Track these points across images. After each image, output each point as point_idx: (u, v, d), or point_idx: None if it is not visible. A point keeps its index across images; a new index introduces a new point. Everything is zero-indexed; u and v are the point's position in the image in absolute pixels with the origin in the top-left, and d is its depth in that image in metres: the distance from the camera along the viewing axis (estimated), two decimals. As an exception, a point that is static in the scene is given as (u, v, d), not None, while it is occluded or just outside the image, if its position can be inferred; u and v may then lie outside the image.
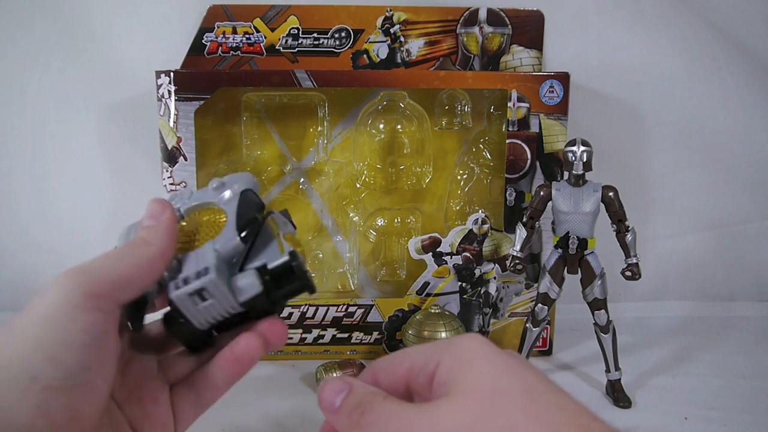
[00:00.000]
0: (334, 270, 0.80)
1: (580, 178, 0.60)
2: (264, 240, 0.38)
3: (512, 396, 0.28)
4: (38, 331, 0.30)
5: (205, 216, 0.40)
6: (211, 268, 0.35)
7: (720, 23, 0.84)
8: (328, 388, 0.32)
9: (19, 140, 0.84)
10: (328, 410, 0.32)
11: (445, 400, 0.29)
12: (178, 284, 0.36)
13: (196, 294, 0.35)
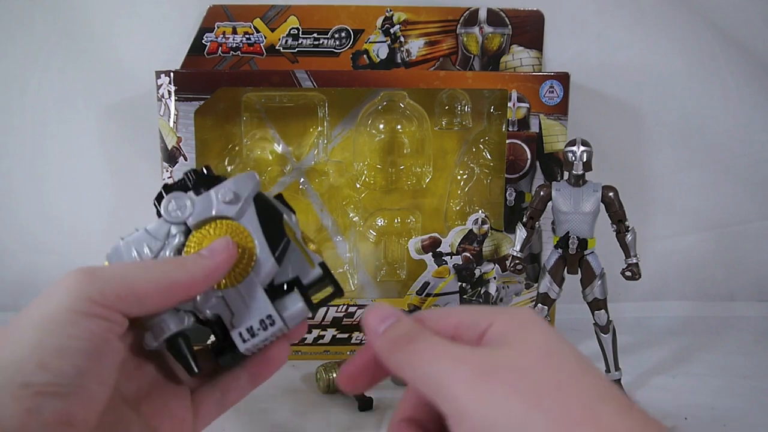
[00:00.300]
0: (334, 270, 0.80)
1: (580, 178, 0.60)
2: (289, 250, 0.39)
3: (566, 358, 0.27)
4: (36, 336, 0.29)
5: (225, 234, 0.38)
6: (275, 317, 0.37)
7: (720, 23, 0.84)
8: (375, 314, 0.31)
9: (19, 140, 0.84)
10: (373, 333, 0.31)
11: (499, 347, 0.28)
12: (244, 336, 0.37)
13: (261, 341, 0.37)
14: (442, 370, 0.28)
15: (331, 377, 0.62)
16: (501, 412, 0.26)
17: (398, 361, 0.30)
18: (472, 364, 0.27)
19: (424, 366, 0.28)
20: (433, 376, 0.28)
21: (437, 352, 0.29)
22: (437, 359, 0.28)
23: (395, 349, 0.30)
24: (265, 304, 0.37)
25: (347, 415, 0.59)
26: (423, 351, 0.29)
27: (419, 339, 0.30)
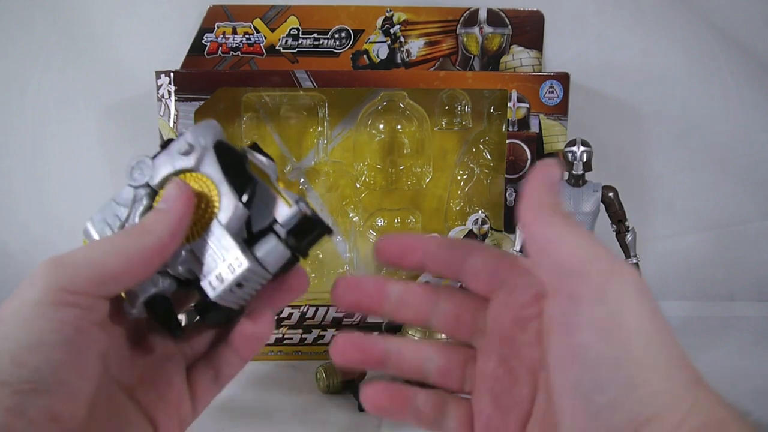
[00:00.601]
0: (334, 270, 0.80)
1: (579, 179, 0.61)
2: (260, 192, 0.36)
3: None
4: (6, 332, 0.28)
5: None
6: (242, 258, 0.34)
7: (720, 23, 0.84)
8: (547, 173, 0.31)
9: (19, 140, 0.84)
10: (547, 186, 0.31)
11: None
12: (213, 284, 0.34)
13: (236, 286, 0.34)
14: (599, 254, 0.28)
15: (332, 377, 0.62)
16: (641, 320, 0.26)
17: (551, 224, 0.29)
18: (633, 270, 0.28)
19: (582, 241, 0.28)
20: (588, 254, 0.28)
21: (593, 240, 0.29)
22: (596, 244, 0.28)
23: (553, 214, 0.29)
24: (231, 247, 0.34)
25: (347, 415, 0.59)
26: (582, 230, 0.29)
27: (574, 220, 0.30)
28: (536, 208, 0.29)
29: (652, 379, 0.25)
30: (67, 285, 0.29)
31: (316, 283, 0.80)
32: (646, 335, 0.26)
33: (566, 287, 0.28)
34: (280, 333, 0.71)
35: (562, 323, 0.28)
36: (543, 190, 0.30)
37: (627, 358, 0.26)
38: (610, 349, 0.26)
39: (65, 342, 0.29)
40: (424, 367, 0.36)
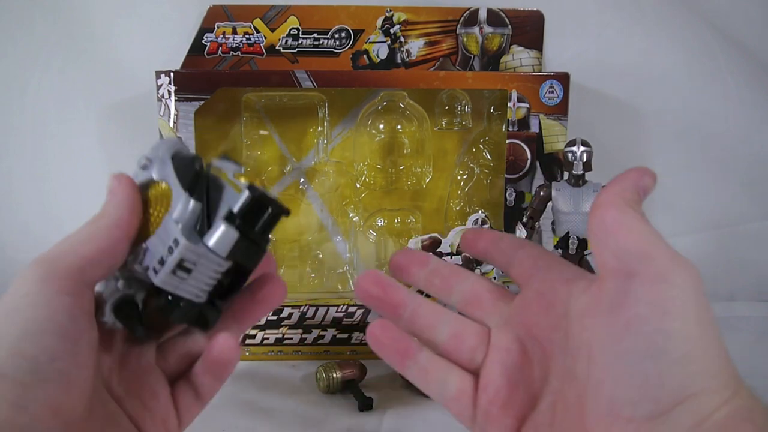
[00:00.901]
0: (334, 270, 0.80)
1: (580, 179, 0.61)
2: (217, 189, 0.36)
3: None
4: (1, 325, 0.29)
5: (150, 196, 0.38)
6: (179, 237, 0.33)
7: (720, 23, 0.84)
8: (641, 176, 0.34)
9: (19, 140, 0.84)
10: (635, 181, 0.34)
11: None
12: (156, 268, 0.34)
13: (178, 268, 0.34)
14: (667, 248, 0.30)
15: (332, 377, 0.62)
16: (698, 303, 0.29)
17: (627, 212, 0.31)
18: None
19: (651, 233, 0.30)
20: (656, 243, 0.30)
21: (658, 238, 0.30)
22: (660, 240, 0.30)
23: (630, 205, 0.31)
24: (172, 231, 0.34)
25: (347, 415, 0.59)
26: (649, 227, 0.31)
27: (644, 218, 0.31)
28: (614, 196, 0.31)
29: (703, 358, 0.27)
30: (54, 274, 0.31)
31: (316, 283, 0.80)
32: (700, 320, 0.28)
33: (627, 267, 0.29)
34: (280, 333, 0.71)
35: (618, 299, 0.29)
36: (629, 186, 0.32)
37: (683, 334, 0.27)
38: (667, 323, 0.27)
39: (60, 330, 0.29)
40: (438, 329, 0.37)
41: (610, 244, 0.30)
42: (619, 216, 0.30)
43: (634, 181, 0.32)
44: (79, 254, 0.32)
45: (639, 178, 0.32)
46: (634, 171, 0.32)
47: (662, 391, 0.26)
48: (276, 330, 0.71)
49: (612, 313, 0.29)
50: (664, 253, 0.29)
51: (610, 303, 0.29)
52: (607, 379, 0.28)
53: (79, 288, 0.31)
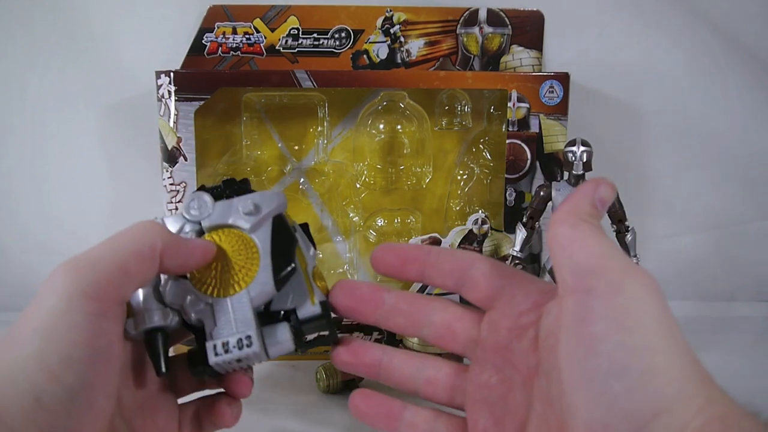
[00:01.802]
0: (334, 270, 0.80)
1: (580, 179, 0.60)
2: (293, 279, 0.37)
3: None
4: (39, 345, 0.27)
5: (234, 244, 0.37)
6: (254, 339, 0.35)
7: (720, 23, 0.84)
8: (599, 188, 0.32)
9: (19, 140, 0.84)
10: (589, 195, 0.32)
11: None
12: (218, 350, 0.35)
13: (236, 362, 0.35)
14: (618, 256, 0.30)
15: (332, 377, 0.62)
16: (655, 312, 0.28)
17: (581, 225, 0.30)
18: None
19: (604, 243, 0.30)
20: (609, 254, 0.29)
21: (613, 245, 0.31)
22: (614, 247, 0.30)
23: (585, 218, 0.31)
24: (249, 324, 0.35)
25: (347, 415, 0.59)
26: (603, 236, 0.31)
27: (599, 228, 0.31)
28: (568, 212, 0.31)
29: (668, 368, 0.26)
30: (92, 290, 0.29)
31: (316, 283, 0.80)
32: (661, 329, 0.27)
33: (582, 283, 0.29)
34: (280, 333, 0.71)
35: (579, 317, 0.28)
36: (584, 200, 0.31)
37: (644, 347, 0.26)
38: (627, 338, 0.27)
39: (97, 357, 0.28)
40: (414, 378, 0.37)
41: (566, 261, 0.30)
42: (572, 232, 0.30)
43: (588, 194, 0.31)
44: (120, 265, 0.30)
45: (594, 190, 0.31)
46: (589, 183, 0.32)
47: (632, 409, 0.26)
48: (276, 330, 0.71)
49: (574, 332, 0.29)
50: (616, 264, 0.29)
51: (571, 322, 0.29)
52: (579, 403, 0.27)
53: (116, 308, 0.30)
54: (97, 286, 0.29)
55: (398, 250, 0.36)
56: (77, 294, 0.28)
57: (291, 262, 0.37)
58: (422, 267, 0.35)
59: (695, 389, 0.26)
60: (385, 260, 0.35)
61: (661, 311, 0.28)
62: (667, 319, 0.28)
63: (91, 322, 0.28)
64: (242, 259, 0.37)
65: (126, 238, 0.32)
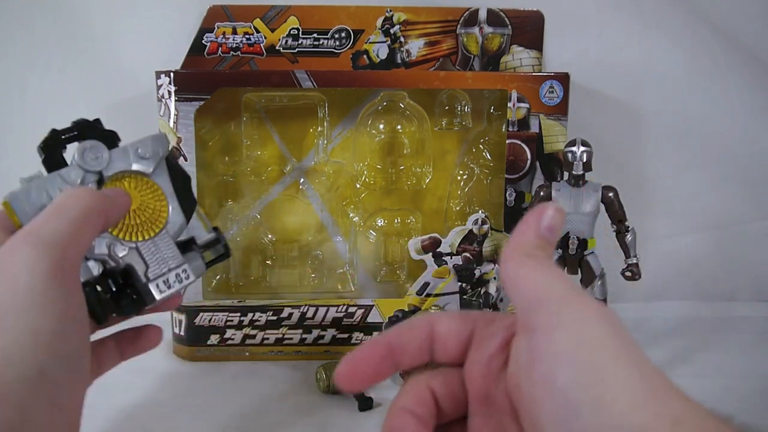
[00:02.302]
0: (334, 270, 0.80)
1: (579, 179, 0.61)
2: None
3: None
4: (30, 322, 0.29)
5: (142, 189, 0.42)
6: (189, 270, 0.42)
7: (720, 23, 0.84)
8: (547, 214, 0.30)
9: (19, 140, 0.84)
10: (533, 226, 0.30)
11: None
12: (161, 287, 0.40)
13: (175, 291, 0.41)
14: (561, 288, 0.28)
15: (332, 377, 0.62)
16: (596, 340, 0.26)
17: (524, 264, 0.29)
18: (589, 298, 0.28)
19: (547, 278, 0.29)
20: (563, 290, 0.28)
21: (560, 276, 0.29)
22: (561, 279, 0.29)
23: (527, 255, 0.30)
24: (179, 258, 0.42)
25: (347, 415, 0.59)
26: (548, 268, 0.29)
27: (549, 259, 0.30)
28: (514, 248, 0.30)
29: (621, 396, 0.25)
30: (61, 265, 0.31)
31: (316, 283, 0.80)
32: (608, 355, 0.26)
33: (528, 322, 0.28)
34: (280, 333, 0.71)
35: (529, 358, 0.28)
36: (530, 232, 0.30)
37: (592, 379, 0.25)
38: (574, 374, 0.25)
39: (82, 328, 0.31)
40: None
41: (515, 300, 0.29)
42: (517, 270, 0.29)
43: (533, 226, 0.30)
44: (80, 242, 0.33)
45: (538, 220, 0.30)
46: (534, 213, 0.31)
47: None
48: (276, 330, 0.71)
49: (527, 375, 0.28)
50: (555, 297, 0.27)
51: (524, 364, 0.28)
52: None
53: (77, 273, 0.32)
54: (64, 262, 0.31)
55: (358, 358, 0.32)
56: (51, 271, 0.30)
57: (192, 198, 0.44)
58: (391, 359, 0.33)
59: (656, 411, 0.25)
60: (350, 377, 0.32)
61: (607, 335, 0.27)
62: (614, 342, 0.27)
63: (68, 295, 0.31)
64: (153, 202, 0.42)
65: (71, 208, 0.34)
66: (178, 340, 0.72)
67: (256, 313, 0.71)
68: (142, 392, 0.62)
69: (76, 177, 0.40)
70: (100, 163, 0.41)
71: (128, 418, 0.57)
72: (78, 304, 0.31)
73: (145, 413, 0.59)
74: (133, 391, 0.61)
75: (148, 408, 0.60)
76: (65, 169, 0.41)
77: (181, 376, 0.67)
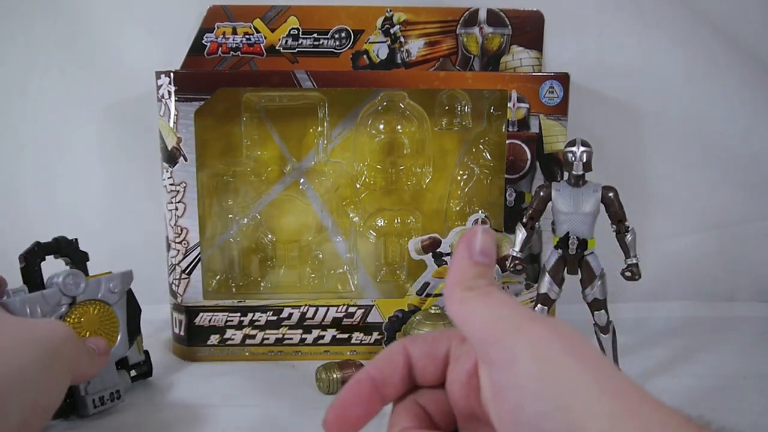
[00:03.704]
0: (334, 270, 0.80)
1: (579, 179, 0.60)
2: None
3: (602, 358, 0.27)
4: (34, 379, 0.43)
5: (102, 316, 0.56)
6: (122, 392, 0.56)
7: (720, 23, 0.84)
8: (480, 241, 0.30)
9: (19, 141, 0.84)
10: (467, 258, 0.30)
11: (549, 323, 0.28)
12: (96, 403, 0.53)
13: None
14: (504, 317, 0.27)
15: (332, 377, 0.62)
16: (557, 369, 0.25)
17: (466, 301, 0.29)
18: (541, 321, 0.27)
19: (492, 310, 0.28)
20: (495, 319, 0.27)
21: (504, 302, 0.28)
22: (503, 306, 0.28)
23: (468, 289, 0.29)
24: (116, 381, 0.55)
25: (347, 416, 0.59)
26: (491, 298, 0.29)
27: (491, 289, 0.29)
28: (453, 285, 0.30)
29: (595, 419, 0.24)
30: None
31: (317, 283, 0.80)
32: (574, 379, 0.25)
33: (486, 356, 0.28)
34: (280, 333, 0.71)
35: (493, 391, 0.28)
36: (464, 264, 0.30)
37: (561, 409, 0.25)
38: (541, 406, 0.25)
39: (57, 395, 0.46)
40: None
41: (468, 335, 0.29)
42: (461, 308, 0.29)
43: (465, 256, 0.30)
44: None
45: (470, 247, 0.30)
46: (463, 242, 0.30)
47: None
48: (276, 330, 0.71)
49: (494, 407, 0.28)
50: (508, 327, 0.27)
51: (490, 396, 0.28)
52: None
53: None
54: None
55: (346, 403, 0.32)
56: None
57: (138, 329, 0.59)
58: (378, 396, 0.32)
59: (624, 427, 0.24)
60: (340, 424, 0.31)
61: (568, 357, 0.26)
62: (577, 363, 0.26)
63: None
64: (108, 329, 0.56)
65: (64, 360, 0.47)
66: (178, 340, 0.72)
67: (256, 313, 0.71)
68: (142, 392, 0.62)
69: (54, 299, 0.53)
70: (77, 290, 0.54)
71: (127, 419, 0.57)
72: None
73: (144, 413, 0.59)
74: (132, 391, 0.61)
75: (148, 408, 0.60)
76: (48, 291, 0.52)
77: (181, 376, 0.67)
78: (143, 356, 0.60)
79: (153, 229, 0.74)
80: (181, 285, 0.70)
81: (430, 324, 0.67)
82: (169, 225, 0.69)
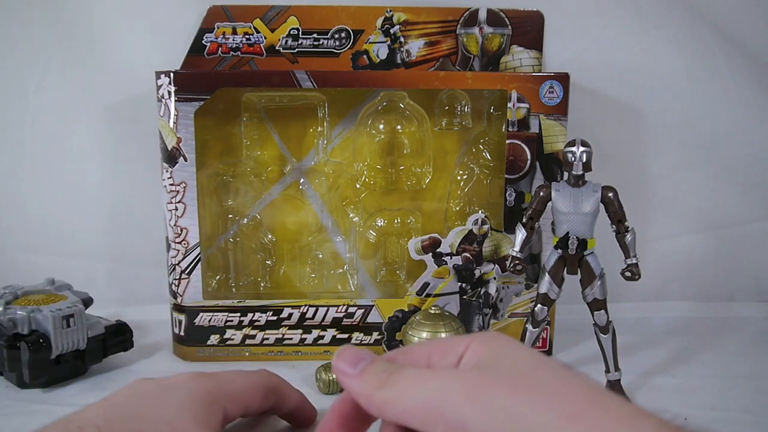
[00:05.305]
0: (334, 270, 0.80)
1: (579, 179, 0.60)
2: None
3: (555, 365, 0.27)
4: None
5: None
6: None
7: (720, 23, 0.84)
8: (346, 356, 0.31)
9: (19, 141, 0.84)
10: (348, 376, 0.30)
11: (486, 365, 0.28)
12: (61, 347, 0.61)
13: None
14: (434, 391, 0.27)
15: (332, 377, 0.62)
16: (506, 414, 0.25)
17: (383, 397, 0.29)
18: (464, 380, 0.27)
19: (414, 393, 0.28)
20: (425, 400, 0.27)
21: (423, 379, 0.28)
22: (424, 384, 0.28)
23: (378, 387, 0.29)
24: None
25: (347, 416, 0.59)
26: (408, 381, 0.28)
27: (401, 372, 0.29)
28: (360, 393, 0.30)
29: None
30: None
31: (316, 283, 0.80)
32: (521, 418, 0.25)
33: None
34: (280, 333, 0.71)
35: None
36: (354, 383, 0.30)
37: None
38: None
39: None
40: None
41: (404, 422, 0.28)
42: (369, 399, 0.29)
43: (351, 378, 0.30)
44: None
45: (348, 366, 0.31)
46: (337, 368, 0.31)
47: None
48: (276, 330, 0.71)
49: None
50: (453, 404, 0.27)
51: None
52: None
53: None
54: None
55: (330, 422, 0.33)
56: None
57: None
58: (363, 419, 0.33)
59: None
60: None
61: (510, 397, 0.26)
62: (521, 399, 0.26)
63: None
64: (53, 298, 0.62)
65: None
66: (178, 340, 0.72)
67: (256, 313, 0.71)
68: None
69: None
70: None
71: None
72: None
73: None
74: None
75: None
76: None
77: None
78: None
79: (153, 229, 0.74)
80: (181, 285, 0.70)
81: (430, 324, 0.67)
82: (169, 225, 0.69)
